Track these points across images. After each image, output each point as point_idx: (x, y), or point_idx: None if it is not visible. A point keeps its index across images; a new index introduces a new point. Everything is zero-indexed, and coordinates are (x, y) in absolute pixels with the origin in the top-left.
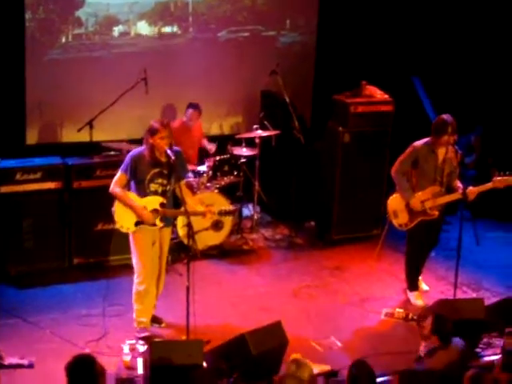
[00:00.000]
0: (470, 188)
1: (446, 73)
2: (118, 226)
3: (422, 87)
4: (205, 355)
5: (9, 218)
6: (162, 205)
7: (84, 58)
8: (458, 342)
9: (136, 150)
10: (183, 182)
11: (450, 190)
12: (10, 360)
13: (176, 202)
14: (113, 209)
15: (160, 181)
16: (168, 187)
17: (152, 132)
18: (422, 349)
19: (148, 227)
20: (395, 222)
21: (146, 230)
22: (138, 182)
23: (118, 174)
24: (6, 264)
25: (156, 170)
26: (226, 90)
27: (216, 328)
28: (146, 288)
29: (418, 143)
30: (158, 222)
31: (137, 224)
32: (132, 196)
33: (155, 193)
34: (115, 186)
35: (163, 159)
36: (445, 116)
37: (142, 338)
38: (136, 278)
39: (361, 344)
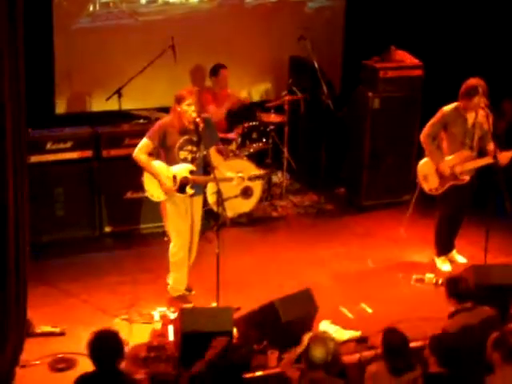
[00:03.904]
0: (502, 152)
1: (477, 36)
2: (148, 194)
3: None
4: (235, 322)
5: (40, 188)
6: (191, 172)
7: (112, 27)
8: (485, 308)
9: (165, 118)
10: (213, 149)
11: (484, 154)
12: (41, 328)
13: (206, 169)
14: (142, 178)
15: (189, 148)
16: (197, 154)
17: (179, 99)
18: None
19: (178, 195)
20: (426, 187)
21: (177, 198)
22: (168, 149)
23: (144, 140)
24: (38, 233)
25: (185, 138)
26: (254, 56)
27: (246, 295)
28: (182, 256)
29: (447, 108)
30: (188, 189)
31: None
32: (161, 164)
33: (185, 160)
34: (140, 152)
35: (192, 127)
36: (474, 79)
37: (178, 306)
38: (172, 247)
39: (391, 310)
